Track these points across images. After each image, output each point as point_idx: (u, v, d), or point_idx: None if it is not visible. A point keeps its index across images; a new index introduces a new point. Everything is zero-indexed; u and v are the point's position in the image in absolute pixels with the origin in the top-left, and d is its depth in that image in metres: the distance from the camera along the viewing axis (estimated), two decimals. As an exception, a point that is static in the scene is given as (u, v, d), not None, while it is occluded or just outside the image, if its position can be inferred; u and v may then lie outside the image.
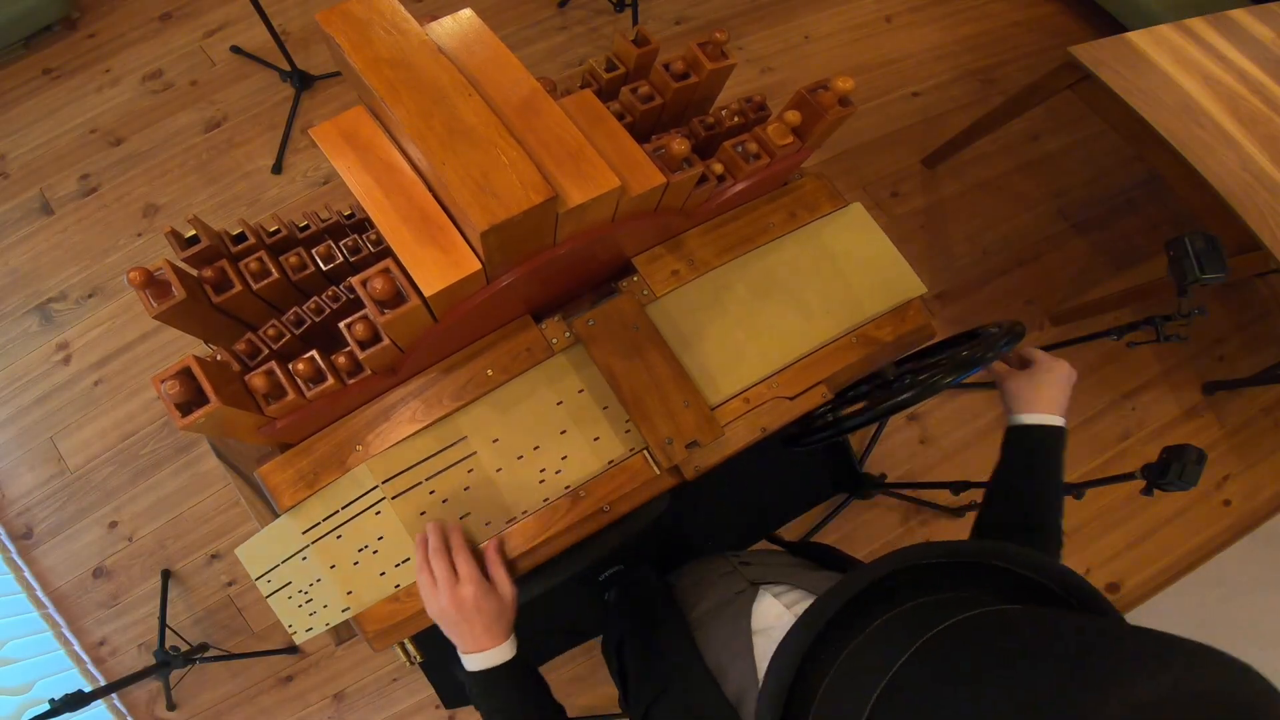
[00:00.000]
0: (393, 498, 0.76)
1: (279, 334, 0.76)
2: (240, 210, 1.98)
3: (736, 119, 0.89)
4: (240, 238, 0.79)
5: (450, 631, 0.67)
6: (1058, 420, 0.77)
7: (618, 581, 1.37)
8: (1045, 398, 0.78)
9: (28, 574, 1.69)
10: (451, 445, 0.77)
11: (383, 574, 0.75)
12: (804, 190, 0.91)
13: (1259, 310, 2.13)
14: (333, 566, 0.75)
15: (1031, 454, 0.77)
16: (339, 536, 0.75)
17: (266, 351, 0.75)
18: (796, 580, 0.66)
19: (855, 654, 0.44)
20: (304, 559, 0.75)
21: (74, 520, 1.73)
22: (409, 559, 0.76)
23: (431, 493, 0.76)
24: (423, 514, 0.76)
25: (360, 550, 0.76)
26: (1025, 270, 2.08)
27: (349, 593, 0.75)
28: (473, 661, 0.65)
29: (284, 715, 1.65)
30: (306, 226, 0.86)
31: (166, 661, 1.45)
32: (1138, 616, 1.79)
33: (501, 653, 0.65)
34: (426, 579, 0.67)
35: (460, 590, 0.65)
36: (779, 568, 0.76)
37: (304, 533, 0.75)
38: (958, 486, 1.56)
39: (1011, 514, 0.75)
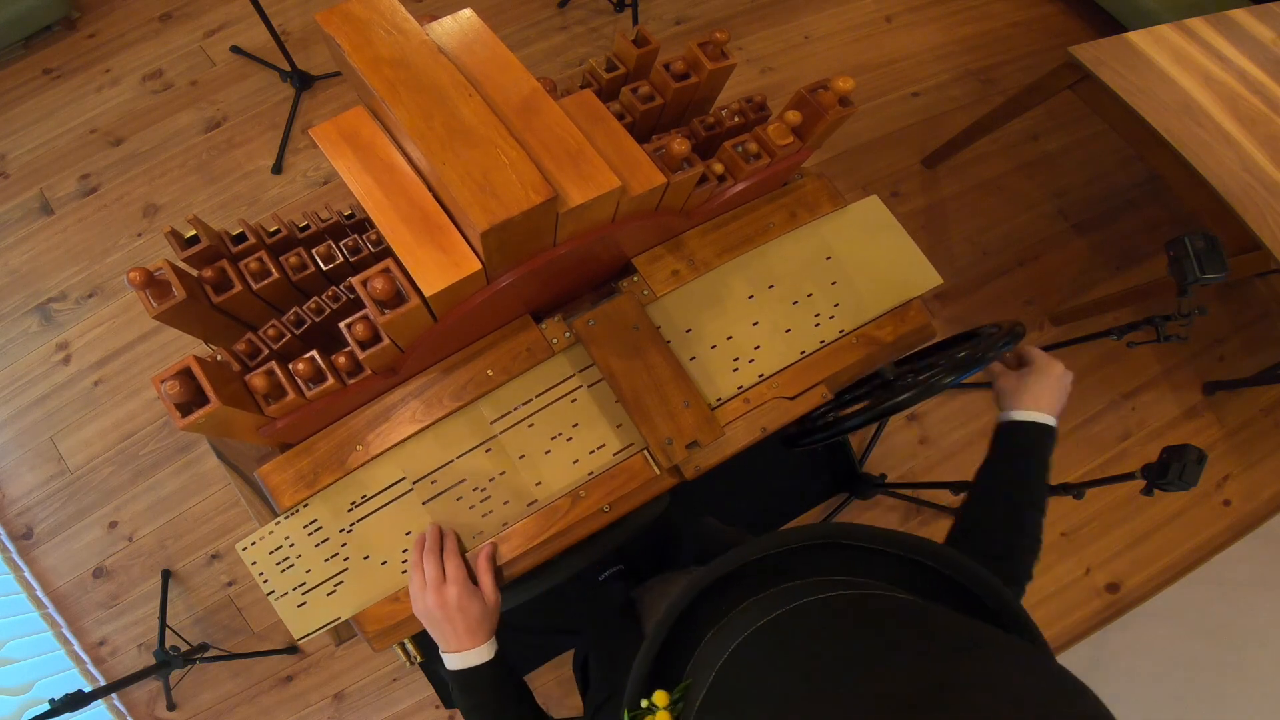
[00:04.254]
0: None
1: (279, 334, 0.76)
2: (240, 210, 1.98)
3: (737, 119, 0.89)
4: (240, 238, 0.79)
5: (433, 630, 0.69)
6: (1049, 419, 0.74)
7: (617, 581, 1.37)
8: (1037, 396, 0.76)
9: (28, 574, 1.69)
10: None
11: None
12: (804, 190, 0.91)
13: (1259, 310, 2.13)
14: (502, 473, 0.75)
15: (1019, 450, 0.75)
16: (533, 424, 0.78)
17: (266, 351, 0.75)
18: None
19: (727, 623, 0.45)
20: (487, 451, 0.78)
21: (74, 520, 1.73)
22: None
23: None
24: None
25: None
26: (1025, 270, 2.08)
27: (537, 483, 0.78)
28: (453, 660, 0.67)
29: (284, 715, 1.65)
30: (306, 226, 0.86)
31: (166, 661, 1.44)
32: (1138, 616, 1.79)
33: (480, 654, 0.67)
34: (418, 577, 0.70)
35: (446, 590, 0.68)
36: None
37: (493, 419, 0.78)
38: (957, 486, 1.56)
39: (993, 513, 0.72)
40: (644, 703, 0.43)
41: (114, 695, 1.58)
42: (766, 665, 0.39)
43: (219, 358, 0.73)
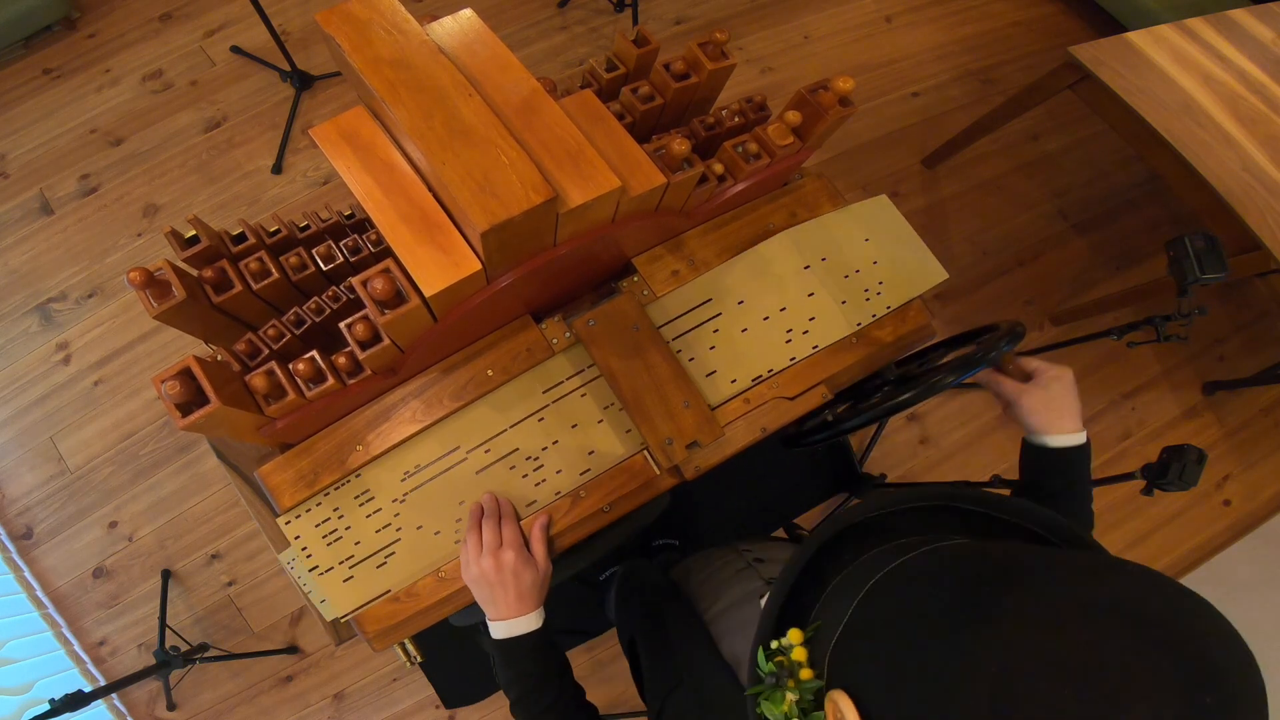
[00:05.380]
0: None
1: (279, 334, 0.76)
2: (240, 210, 1.98)
3: (737, 119, 0.89)
4: (240, 238, 0.79)
5: (484, 595, 0.68)
6: (1083, 436, 0.73)
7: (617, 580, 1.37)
8: (1064, 412, 0.73)
9: (28, 574, 1.69)
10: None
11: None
12: (804, 190, 0.91)
13: (1259, 310, 2.13)
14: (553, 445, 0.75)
15: (1067, 475, 0.73)
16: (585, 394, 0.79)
17: (267, 352, 0.75)
18: None
19: (832, 594, 0.47)
20: (540, 420, 0.79)
21: (74, 520, 1.73)
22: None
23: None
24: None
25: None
26: (1025, 270, 2.08)
27: (590, 452, 0.79)
28: (500, 629, 0.67)
29: (284, 715, 1.65)
30: (306, 226, 0.86)
31: (166, 661, 1.44)
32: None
33: (529, 622, 0.67)
34: (474, 541, 0.70)
35: (502, 555, 0.68)
36: None
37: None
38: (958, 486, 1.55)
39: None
40: (774, 644, 0.45)
41: (114, 695, 1.58)
42: (898, 599, 0.42)
43: (219, 358, 0.73)
